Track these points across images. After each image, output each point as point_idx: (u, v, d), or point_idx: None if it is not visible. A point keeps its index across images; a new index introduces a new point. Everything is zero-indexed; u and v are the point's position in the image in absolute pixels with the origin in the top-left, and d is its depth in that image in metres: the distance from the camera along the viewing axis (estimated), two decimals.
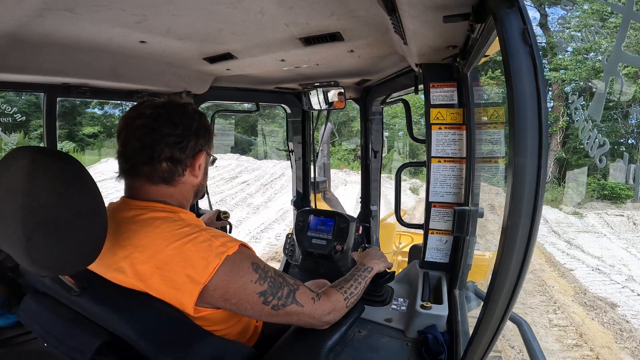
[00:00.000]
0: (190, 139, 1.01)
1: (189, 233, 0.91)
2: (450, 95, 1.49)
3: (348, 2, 1.06)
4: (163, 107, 1.00)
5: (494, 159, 1.75)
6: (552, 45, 17.20)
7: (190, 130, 1.01)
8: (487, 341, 0.86)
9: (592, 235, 11.26)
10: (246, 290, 0.91)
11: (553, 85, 17.32)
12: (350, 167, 18.78)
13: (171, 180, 1.00)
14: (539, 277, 7.83)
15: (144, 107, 0.99)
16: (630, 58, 0.73)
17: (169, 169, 0.99)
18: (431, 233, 1.59)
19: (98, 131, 20.74)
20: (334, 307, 1.06)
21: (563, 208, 13.96)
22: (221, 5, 1.07)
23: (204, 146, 1.05)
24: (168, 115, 0.99)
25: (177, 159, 0.99)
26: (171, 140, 0.98)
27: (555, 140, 17.32)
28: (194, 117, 1.03)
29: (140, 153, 0.97)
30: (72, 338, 0.88)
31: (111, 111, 21.47)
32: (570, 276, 7.92)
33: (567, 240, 10.58)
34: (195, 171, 1.04)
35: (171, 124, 0.98)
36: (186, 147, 1.00)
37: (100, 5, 1.04)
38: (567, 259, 9.02)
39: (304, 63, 1.74)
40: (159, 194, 1.00)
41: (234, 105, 3.03)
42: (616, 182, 13.98)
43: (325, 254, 2.13)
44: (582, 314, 6.35)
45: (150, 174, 0.99)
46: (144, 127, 0.97)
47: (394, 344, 1.29)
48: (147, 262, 0.89)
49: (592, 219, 12.85)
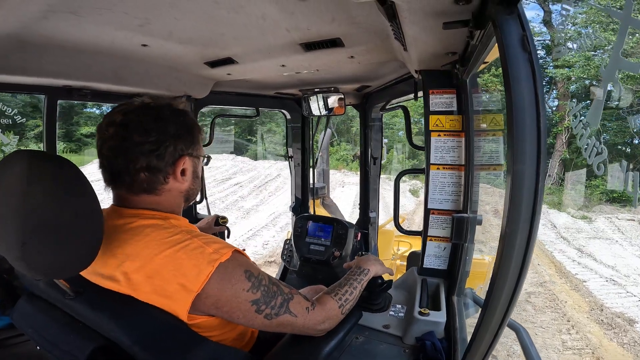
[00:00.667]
0: (167, 145, 0.94)
1: (181, 240, 0.88)
2: (450, 102, 1.50)
3: (349, 8, 1.07)
4: (134, 112, 0.94)
5: (492, 166, 1.76)
6: (555, 41, 16.75)
7: (167, 135, 0.94)
8: (485, 348, 0.85)
9: (603, 241, 10.50)
10: (238, 299, 0.89)
11: (558, 84, 17.00)
12: (348, 168, 18.54)
13: (153, 190, 0.96)
14: (549, 290, 7.16)
15: (115, 113, 0.94)
16: (628, 64, 0.74)
17: (148, 179, 0.94)
18: (430, 240, 1.59)
19: (90, 132, 20.54)
20: (328, 316, 1.05)
21: (571, 212, 13.30)
22: (223, 9, 1.08)
23: (186, 150, 0.99)
24: (139, 121, 0.93)
25: (155, 168, 0.94)
26: (146, 148, 0.92)
27: (561, 140, 16.71)
28: (172, 120, 0.97)
29: (114, 164, 0.93)
30: (65, 342, 0.87)
31: (109, 111, 21.48)
32: (583, 289, 7.23)
33: (578, 248, 9.85)
34: (178, 177, 0.98)
35: (143, 131, 0.92)
36: (164, 154, 0.94)
37: (104, 8, 1.04)
38: (579, 268, 8.33)
39: (304, 68, 1.74)
40: (146, 203, 0.97)
41: (234, 109, 3.04)
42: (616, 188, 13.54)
43: (323, 260, 2.12)
44: (599, 333, 5.66)
45: (130, 185, 0.95)
46: (116, 136, 0.92)
47: (391, 351, 1.27)
48: (138, 272, 0.87)
49: (602, 223, 12.06)
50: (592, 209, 13.87)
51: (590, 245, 10.03)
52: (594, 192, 14.86)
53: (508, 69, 0.68)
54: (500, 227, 0.73)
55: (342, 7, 1.06)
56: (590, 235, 11.03)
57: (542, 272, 8.04)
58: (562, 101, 17.20)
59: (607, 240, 10.66)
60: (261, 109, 2.50)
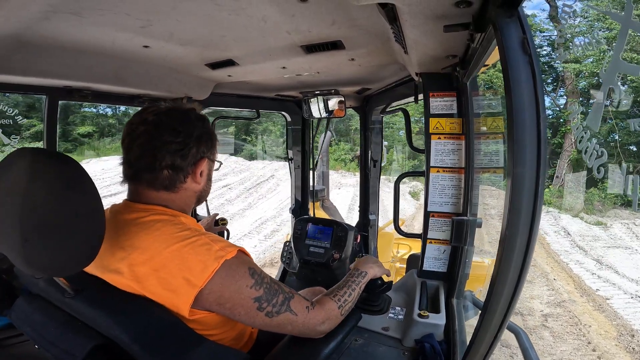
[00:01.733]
0: (191, 146, 1.00)
1: (189, 236, 0.91)
2: (450, 104, 1.50)
3: (350, 11, 1.08)
4: (165, 114, 1.00)
5: (492, 169, 1.76)
6: (562, 35, 16.20)
7: (192, 137, 1.01)
8: (484, 350, 0.85)
9: (622, 251, 9.66)
10: (241, 295, 0.90)
11: (566, 81, 16.40)
12: (346, 168, 18.10)
13: (172, 187, 1.01)
14: (569, 311, 6.28)
15: (147, 113, 1.00)
16: (629, 67, 0.74)
17: (170, 177, 0.99)
18: (429, 242, 1.59)
19: (92, 130, 20.57)
20: (327, 317, 1.05)
21: (584, 217, 12.45)
22: (224, 12, 1.08)
23: (206, 153, 1.05)
24: (170, 121, 0.99)
25: (178, 167, 0.99)
26: (172, 147, 0.98)
27: (569, 140, 15.80)
28: (196, 124, 1.03)
29: (142, 160, 0.98)
30: (63, 341, 0.87)
31: (104, 110, 21.24)
32: (608, 309, 6.34)
33: (596, 259, 8.99)
34: (197, 178, 1.04)
35: (173, 131, 0.98)
36: (187, 155, 1.00)
37: (106, 9, 1.05)
38: (600, 283, 7.51)
39: (304, 71, 1.75)
40: (161, 199, 1.01)
41: (234, 111, 3.05)
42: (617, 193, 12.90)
43: (322, 262, 2.12)
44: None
45: (152, 181, 0.99)
46: (146, 134, 0.97)
47: (391, 353, 1.27)
48: (145, 264, 0.89)
49: (619, 230, 11.24)
50: (606, 214, 13.16)
51: (609, 256, 9.21)
52: (607, 195, 13.93)
53: (508, 72, 0.68)
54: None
55: (342, 9, 1.07)
56: (608, 243, 10.24)
57: (560, 288, 7.35)
58: (570, 98, 16.27)
59: (626, 249, 9.86)
60: (261, 110, 2.51)
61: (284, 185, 13.43)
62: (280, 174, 15.15)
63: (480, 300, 1.44)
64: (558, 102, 17.62)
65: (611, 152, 11.68)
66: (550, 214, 12.57)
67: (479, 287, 3.39)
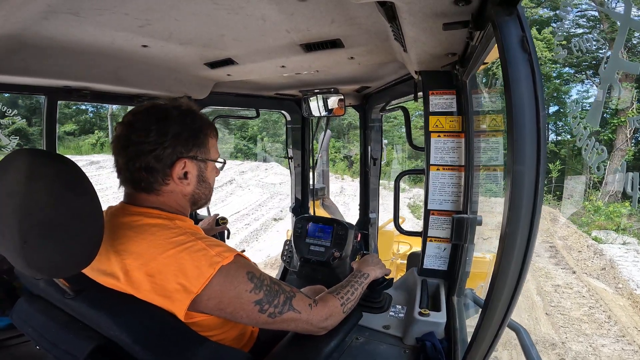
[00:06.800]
0: (165, 146, 0.94)
1: (185, 241, 0.89)
2: (450, 102, 1.50)
3: (349, 10, 1.08)
4: (144, 113, 0.96)
5: (492, 167, 1.76)
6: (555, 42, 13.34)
7: (165, 137, 0.94)
8: (485, 348, 0.86)
9: None
10: (241, 300, 0.90)
11: None
12: (334, 170, 15.89)
13: (151, 189, 0.97)
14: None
15: (128, 113, 0.98)
16: (628, 65, 0.73)
17: (146, 179, 0.95)
18: (430, 240, 1.59)
19: (73, 129, 20.57)
20: (331, 313, 1.05)
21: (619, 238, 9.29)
22: (223, 11, 1.08)
23: (186, 152, 0.98)
24: (145, 121, 0.95)
25: (152, 168, 0.94)
26: (144, 148, 0.93)
27: (624, 135, 13.16)
28: (176, 121, 0.96)
29: (118, 161, 0.97)
30: (64, 341, 0.87)
31: (84, 107, 21.19)
32: None
33: None
34: (175, 179, 0.98)
35: (145, 131, 0.93)
36: (162, 155, 0.94)
37: (104, 9, 1.05)
38: None
39: (304, 69, 1.75)
40: (150, 202, 0.98)
41: (234, 110, 3.04)
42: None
43: (323, 261, 2.12)
44: None
45: (133, 183, 0.97)
46: (122, 136, 0.96)
47: (392, 351, 1.27)
48: (139, 269, 0.88)
49: None
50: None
51: None
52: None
53: (508, 70, 0.68)
54: None
55: (341, 8, 1.06)
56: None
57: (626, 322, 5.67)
58: (624, 83, 11.74)
59: None
60: (261, 109, 2.51)
61: (244, 193, 11.22)
62: (246, 178, 13.08)
63: (481, 298, 1.44)
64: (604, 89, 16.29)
65: None
66: (627, 246, 8.76)
67: (481, 283, 3.39)
